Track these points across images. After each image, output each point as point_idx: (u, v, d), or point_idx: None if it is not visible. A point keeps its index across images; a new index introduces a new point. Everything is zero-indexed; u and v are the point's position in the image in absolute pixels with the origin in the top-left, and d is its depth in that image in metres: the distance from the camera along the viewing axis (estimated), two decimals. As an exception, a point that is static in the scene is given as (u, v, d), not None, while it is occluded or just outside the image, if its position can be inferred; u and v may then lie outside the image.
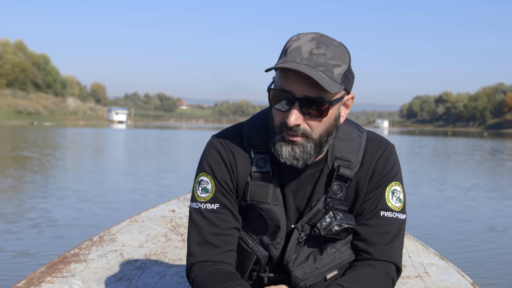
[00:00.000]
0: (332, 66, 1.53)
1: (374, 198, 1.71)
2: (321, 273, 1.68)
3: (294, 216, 1.74)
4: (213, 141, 1.76)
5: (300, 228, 1.72)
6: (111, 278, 2.38)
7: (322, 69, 1.51)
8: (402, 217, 1.72)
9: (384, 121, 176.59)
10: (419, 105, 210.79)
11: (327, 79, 1.50)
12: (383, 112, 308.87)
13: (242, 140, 1.73)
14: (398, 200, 1.72)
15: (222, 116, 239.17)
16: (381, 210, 1.70)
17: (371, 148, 1.73)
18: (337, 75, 1.54)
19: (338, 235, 1.68)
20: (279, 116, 1.58)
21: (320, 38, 1.55)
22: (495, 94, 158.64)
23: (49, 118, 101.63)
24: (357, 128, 1.76)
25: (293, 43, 1.56)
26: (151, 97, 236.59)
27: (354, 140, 1.73)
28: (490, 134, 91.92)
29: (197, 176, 1.76)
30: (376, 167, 1.71)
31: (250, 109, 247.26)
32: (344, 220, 1.66)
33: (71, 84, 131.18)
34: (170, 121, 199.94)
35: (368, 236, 1.69)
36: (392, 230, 1.70)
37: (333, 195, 1.70)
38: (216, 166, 1.72)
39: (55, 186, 11.37)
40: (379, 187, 1.71)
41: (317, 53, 1.52)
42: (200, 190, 1.73)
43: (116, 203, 9.36)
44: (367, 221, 1.70)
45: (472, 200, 10.51)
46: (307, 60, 1.51)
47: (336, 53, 1.55)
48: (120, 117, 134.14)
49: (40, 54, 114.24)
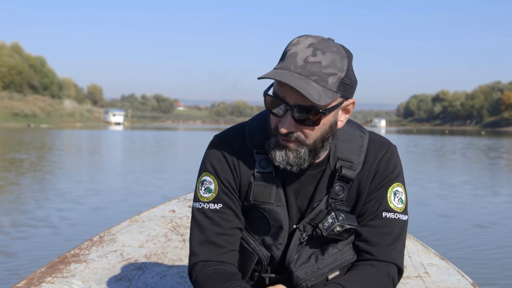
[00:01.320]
0: (327, 75, 1.51)
1: (376, 199, 1.70)
2: (323, 273, 1.68)
3: (296, 216, 1.73)
4: (215, 141, 1.76)
5: (302, 228, 1.71)
6: (111, 278, 2.37)
7: (315, 78, 1.50)
8: (404, 218, 1.72)
9: (382, 120, 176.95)
10: (416, 104, 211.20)
11: (317, 90, 1.49)
12: (380, 111, 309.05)
13: (245, 140, 1.72)
14: (400, 201, 1.72)
15: (219, 117, 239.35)
16: (383, 211, 1.70)
17: (373, 149, 1.72)
18: (332, 84, 1.52)
19: (340, 236, 1.68)
20: (274, 120, 1.59)
21: (318, 45, 1.53)
22: (492, 93, 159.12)
23: (46, 120, 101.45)
24: (359, 128, 1.76)
25: (291, 48, 1.54)
26: (148, 98, 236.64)
27: (356, 141, 1.72)
28: (488, 132, 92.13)
29: (200, 176, 1.75)
30: (378, 168, 1.70)
31: (247, 110, 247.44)
32: (346, 221, 1.66)
33: (68, 86, 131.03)
34: (167, 122, 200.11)
35: (370, 237, 1.69)
36: (394, 231, 1.69)
37: (335, 195, 1.69)
38: (219, 166, 1.71)
39: (54, 186, 11.36)
40: (381, 188, 1.70)
41: (312, 61, 1.51)
42: (203, 190, 1.73)
43: (115, 203, 9.35)
44: (369, 222, 1.70)
45: (471, 200, 10.54)
46: (300, 69, 1.50)
47: (332, 60, 1.52)
48: (117, 118, 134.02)
49: (36, 56, 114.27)
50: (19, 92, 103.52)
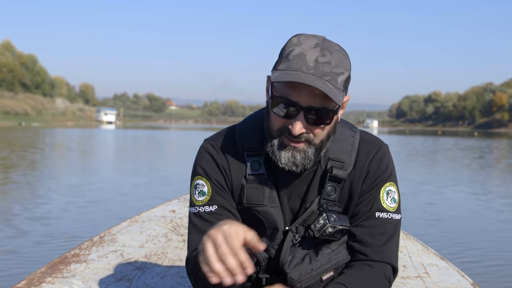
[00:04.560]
0: (337, 74, 1.51)
1: (369, 199, 1.70)
2: (317, 274, 1.68)
3: (289, 217, 1.73)
4: (205, 145, 1.75)
5: (295, 229, 1.70)
6: (111, 279, 2.37)
7: (328, 79, 1.49)
8: (397, 217, 1.71)
9: (374, 121, 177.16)
10: (408, 104, 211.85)
11: (334, 90, 1.49)
12: (373, 112, 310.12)
13: (235, 143, 1.72)
14: (393, 201, 1.71)
15: (211, 117, 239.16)
16: (376, 211, 1.69)
17: (364, 149, 1.71)
18: (340, 83, 1.52)
19: (333, 237, 1.67)
20: (280, 122, 1.56)
21: (324, 44, 1.53)
22: (484, 94, 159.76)
23: (37, 119, 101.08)
24: (350, 128, 1.75)
25: (295, 48, 1.53)
26: (140, 97, 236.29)
27: (347, 140, 1.71)
28: (480, 133, 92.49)
29: (193, 180, 1.75)
30: (370, 168, 1.70)
31: (239, 109, 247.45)
32: (338, 221, 1.65)
33: (60, 85, 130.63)
34: (160, 121, 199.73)
35: (364, 237, 1.69)
36: (387, 231, 1.69)
37: (327, 196, 1.69)
38: (210, 168, 1.71)
39: (52, 186, 11.30)
40: (374, 188, 1.70)
41: (322, 61, 1.50)
42: (197, 193, 1.72)
43: (115, 203, 9.32)
44: (363, 222, 1.70)
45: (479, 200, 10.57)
46: (313, 70, 1.49)
47: (339, 60, 1.53)
48: (109, 117, 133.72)
49: (28, 55, 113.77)
50: (10, 90, 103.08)
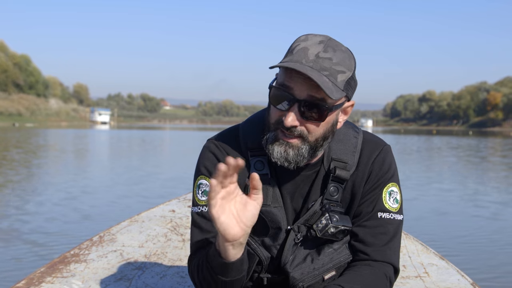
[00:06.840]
0: (337, 71, 1.51)
1: (371, 199, 1.70)
2: (319, 273, 1.68)
3: (291, 217, 1.72)
4: (209, 144, 1.75)
5: (297, 229, 1.70)
6: (111, 278, 2.36)
7: (326, 74, 1.49)
8: (399, 218, 1.72)
9: (368, 120, 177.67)
10: (402, 104, 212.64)
11: (330, 84, 1.49)
12: (367, 111, 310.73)
13: (239, 143, 1.71)
14: (395, 201, 1.72)
15: (206, 116, 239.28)
16: (378, 212, 1.69)
17: (367, 149, 1.72)
18: (340, 82, 1.52)
19: (334, 237, 1.67)
20: (277, 114, 1.56)
21: (329, 42, 1.54)
22: (478, 93, 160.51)
23: (31, 119, 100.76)
24: (353, 129, 1.75)
25: (300, 43, 1.54)
26: (134, 97, 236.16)
27: (350, 141, 1.72)
28: (475, 132, 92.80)
29: (196, 180, 1.74)
30: (372, 169, 1.70)
31: (234, 109, 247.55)
32: (340, 222, 1.65)
33: (53, 85, 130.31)
34: (154, 121, 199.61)
35: (366, 237, 1.69)
36: (389, 231, 1.69)
37: (330, 196, 1.69)
38: (213, 168, 1.69)
39: (52, 186, 11.27)
40: (376, 188, 1.70)
41: (323, 56, 1.50)
42: (200, 193, 1.72)
43: (114, 203, 9.31)
44: (365, 222, 1.70)
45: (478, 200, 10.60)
46: (312, 63, 1.49)
47: (342, 59, 1.53)
48: (103, 118, 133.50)
49: (21, 55, 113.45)
50: (4, 90, 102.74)
